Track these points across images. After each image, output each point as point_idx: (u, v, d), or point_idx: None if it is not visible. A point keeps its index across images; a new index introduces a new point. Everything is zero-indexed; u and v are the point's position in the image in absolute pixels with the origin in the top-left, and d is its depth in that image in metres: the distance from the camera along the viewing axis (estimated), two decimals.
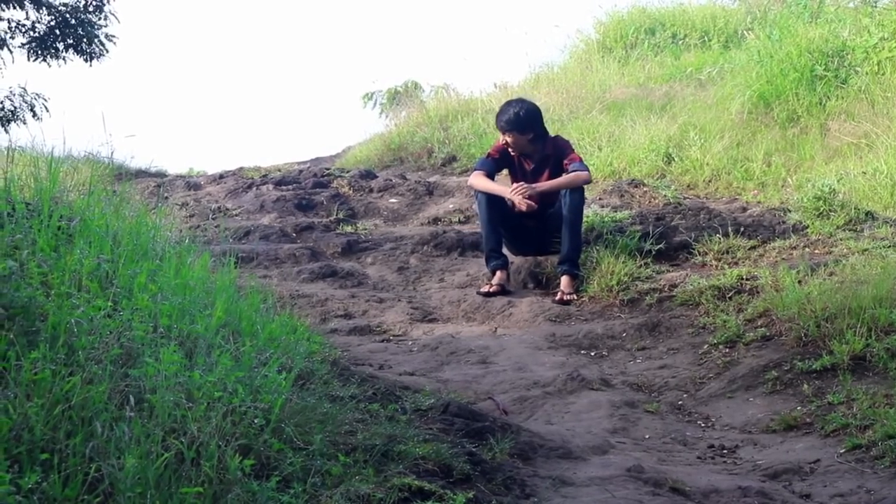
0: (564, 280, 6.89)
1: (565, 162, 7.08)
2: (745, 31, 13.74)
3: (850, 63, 10.14)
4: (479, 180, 7.14)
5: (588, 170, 7.17)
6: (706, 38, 14.61)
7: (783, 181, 8.80)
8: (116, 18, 13.65)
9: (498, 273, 7.07)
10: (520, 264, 7.31)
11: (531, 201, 7.00)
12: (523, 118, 7.11)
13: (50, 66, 13.08)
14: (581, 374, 5.22)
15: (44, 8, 12.82)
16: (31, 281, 3.01)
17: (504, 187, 7.12)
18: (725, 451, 4.33)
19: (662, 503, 3.50)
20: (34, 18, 13.03)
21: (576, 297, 6.75)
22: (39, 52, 13.16)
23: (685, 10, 15.52)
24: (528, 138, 7.13)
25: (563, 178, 7.01)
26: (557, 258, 7.02)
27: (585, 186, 7.25)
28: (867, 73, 9.84)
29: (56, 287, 3.02)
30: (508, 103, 7.29)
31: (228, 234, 8.46)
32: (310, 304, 6.65)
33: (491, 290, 6.96)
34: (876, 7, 11.61)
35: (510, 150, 7.19)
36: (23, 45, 13.11)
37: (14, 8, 12.51)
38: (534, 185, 7.01)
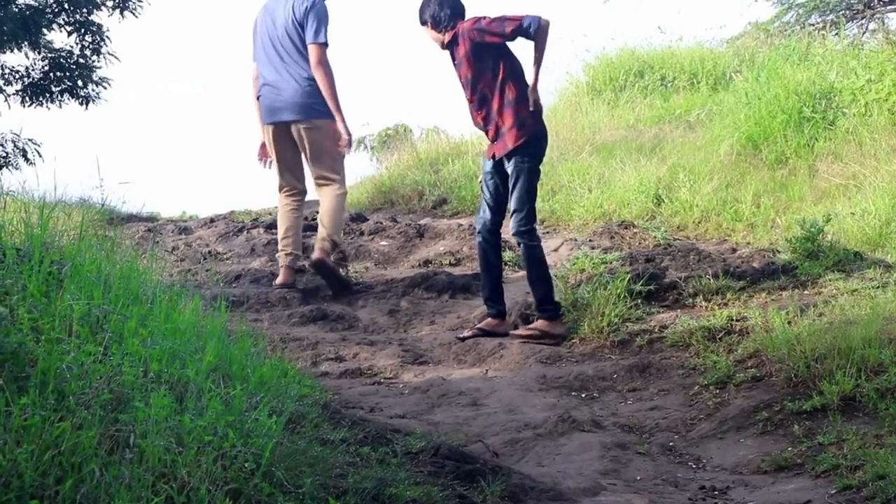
0: (540, 322, 6.89)
1: (508, 30, 6.51)
2: (733, 74, 13.87)
3: (838, 105, 10.24)
4: None
5: (537, 16, 6.49)
6: (695, 81, 14.71)
7: (772, 222, 8.85)
8: (116, 58, 13.78)
9: (487, 319, 7.06)
10: (510, 306, 7.32)
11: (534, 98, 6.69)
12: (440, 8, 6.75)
13: (49, 109, 13.21)
14: (572, 415, 5.22)
15: (43, 49, 12.95)
16: (22, 326, 3.01)
17: None
18: (717, 493, 4.32)
19: None
20: (29, 63, 13.17)
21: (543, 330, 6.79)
22: (35, 97, 13.27)
23: (673, 52, 15.66)
24: (441, 35, 6.76)
25: (536, 54, 6.56)
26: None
27: (568, 226, 7.21)
28: (854, 115, 9.92)
29: (46, 332, 3.02)
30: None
31: (219, 277, 8.46)
32: (301, 348, 6.65)
33: (467, 335, 6.97)
34: (863, 49, 11.76)
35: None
36: (17, 91, 13.22)
37: (11, 51, 12.66)
38: (533, 92, 6.65)
